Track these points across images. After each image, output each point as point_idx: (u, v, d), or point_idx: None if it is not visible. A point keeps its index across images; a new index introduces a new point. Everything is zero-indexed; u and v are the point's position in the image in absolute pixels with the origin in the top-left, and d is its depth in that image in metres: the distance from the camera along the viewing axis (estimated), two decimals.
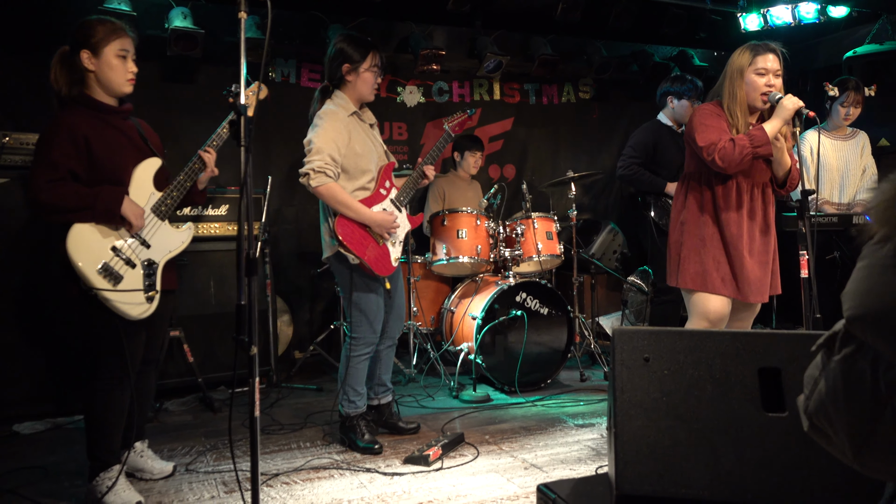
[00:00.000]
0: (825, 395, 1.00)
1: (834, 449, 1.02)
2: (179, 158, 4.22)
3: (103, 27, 2.47)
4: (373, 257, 3.04)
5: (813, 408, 1.03)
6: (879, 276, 0.94)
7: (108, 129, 2.50)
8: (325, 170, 2.91)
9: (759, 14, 5.03)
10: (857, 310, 0.96)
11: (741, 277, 2.85)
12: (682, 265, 2.94)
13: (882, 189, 0.97)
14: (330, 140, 2.94)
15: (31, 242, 3.52)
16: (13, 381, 3.52)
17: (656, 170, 4.42)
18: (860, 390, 0.95)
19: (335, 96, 3.10)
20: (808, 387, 1.06)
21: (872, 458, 0.96)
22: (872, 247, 0.97)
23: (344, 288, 3.09)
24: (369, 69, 3.06)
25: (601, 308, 5.63)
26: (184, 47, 4.33)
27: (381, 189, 3.15)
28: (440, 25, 5.33)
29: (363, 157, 3.06)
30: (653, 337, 1.91)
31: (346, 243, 2.96)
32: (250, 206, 1.89)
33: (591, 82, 6.14)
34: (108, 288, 2.38)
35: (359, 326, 3.08)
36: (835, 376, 0.99)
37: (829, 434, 1.01)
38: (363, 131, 3.12)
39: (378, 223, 3.04)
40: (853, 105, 4.09)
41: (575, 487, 2.06)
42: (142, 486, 2.71)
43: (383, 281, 3.16)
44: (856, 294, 0.97)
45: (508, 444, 3.14)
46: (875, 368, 0.93)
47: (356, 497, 2.57)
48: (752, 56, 2.85)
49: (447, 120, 3.45)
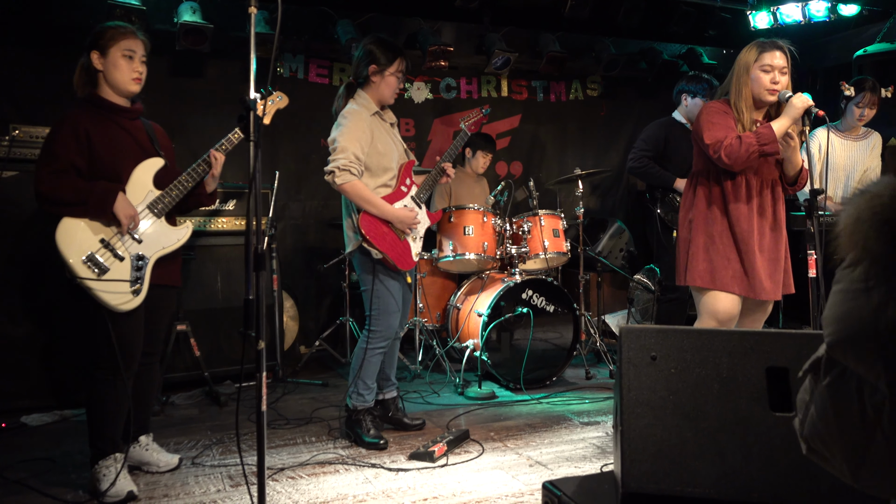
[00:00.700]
0: (817, 420, 1.01)
1: (833, 470, 1.03)
2: (187, 152, 4.26)
3: (112, 30, 2.55)
4: (395, 252, 3.09)
5: (808, 432, 1.04)
6: (853, 300, 0.95)
7: (112, 126, 2.55)
8: (349, 168, 2.96)
9: (769, 12, 5.01)
10: (835, 335, 0.97)
11: (752, 274, 2.83)
12: (691, 263, 2.92)
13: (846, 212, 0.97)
14: (354, 139, 3.00)
15: (39, 235, 3.53)
16: (21, 374, 3.54)
17: (666, 165, 4.40)
18: (849, 415, 0.95)
19: (358, 96, 3.16)
20: (801, 411, 1.07)
21: (870, 478, 0.97)
22: (844, 271, 0.98)
23: (366, 282, 3.13)
24: (394, 73, 3.14)
25: (607, 306, 5.62)
26: (193, 42, 4.34)
27: (401, 186, 3.20)
28: (448, 21, 5.33)
29: (385, 156, 3.12)
30: (660, 335, 1.90)
31: (370, 238, 3.02)
32: (258, 202, 1.90)
33: (599, 80, 6.13)
34: (91, 277, 2.41)
35: (378, 319, 3.12)
36: (823, 402, 1.00)
37: (827, 457, 1.02)
38: (385, 130, 3.18)
39: (400, 219, 3.10)
40: (868, 106, 4.05)
41: (580, 485, 2.05)
42: (147, 478, 2.72)
43: (405, 275, 3.23)
44: (833, 320, 0.98)
45: (513, 442, 3.15)
46: (860, 393, 0.94)
47: (361, 492, 2.58)
48: (758, 53, 2.85)
49: (464, 119, 3.49)
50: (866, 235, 0.93)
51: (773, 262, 2.89)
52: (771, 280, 2.87)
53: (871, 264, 0.93)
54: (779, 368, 1.82)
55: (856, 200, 0.97)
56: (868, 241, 0.93)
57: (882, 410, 0.90)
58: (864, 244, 0.94)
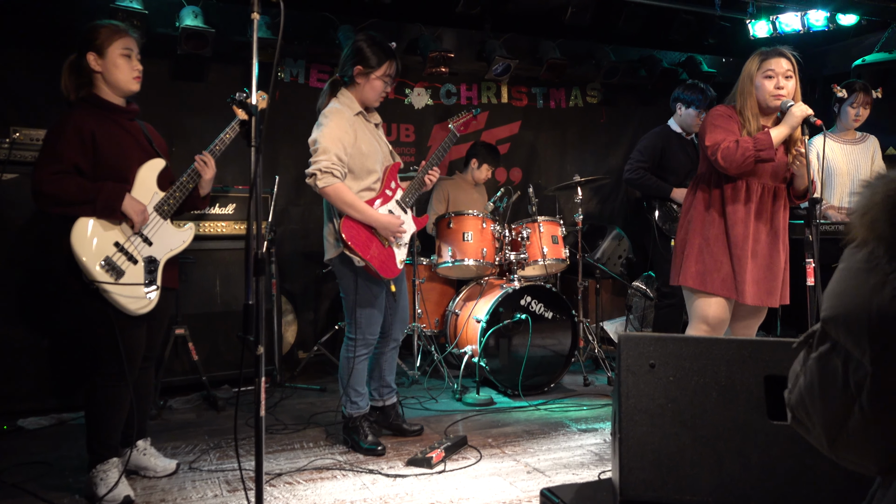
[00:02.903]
0: (804, 389, 1.05)
1: (812, 439, 1.07)
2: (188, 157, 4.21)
3: (106, 29, 2.53)
4: (378, 259, 3.01)
5: (794, 401, 1.08)
6: (852, 279, 0.98)
7: (114, 127, 2.54)
8: (332, 170, 2.88)
9: (769, 21, 5.03)
10: (831, 310, 1.00)
11: (741, 279, 2.85)
12: (685, 263, 2.96)
13: (864, 194, 1.00)
14: (336, 139, 2.91)
15: (37, 238, 3.54)
16: (18, 377, 3.53)
17: (664, 175, 4.41)
18: (833, 387, 0.99)
19: (341, 94, 3.06)
20: (791, 381, 1.11)
21: (845, 450, 1.01)
22: (851, 250, 1.01)
23: (346, 290, 3.06)
24: (381, 77, 3.02)
25: (605, 313, 5.62)
26: (194, 46, 4.35)
27: (386, 190, 3.12)
28: (449, 28, 5.34)
29: (369, 158, 3.03)
30: (658, 343, 1.91)
31: (352, 245, 2.92)
32: (259, 206, 1.90)
33: (598, 87, 6.14)
34: (110, 281, 2.40)
35: (358, 328, 3.06)
36: (812, 372, 1.04)
37: (808, 426, 1.06)
38: (369, 131, 3.09)
39: (385, 226, 3.01)
40: (862, 106, 4.05)
41: (578, 492, 2.05)
42: (145, 483, 2.71)
43: (388, 283, 3.13)
44: (831, 295, 1.02)
45: (511, 448, 3.14)
46: (846, 367, 0.97)
47: (359, 498, 2.57)
48: (760, 61, 2.89)
49: (452, 120, 3.40)
50: (876, 217, 0.96)
51: (766, 268, 2.90)
52: (757, 286, 2.87)
53: (877, 245, 0.96)
54: (777, 377, 1.82)
55: (874, 184, 1.01)
56: (876, 223, 0.96)
57: (863, 386, 0.94)
58: (871, 225, 0.97)
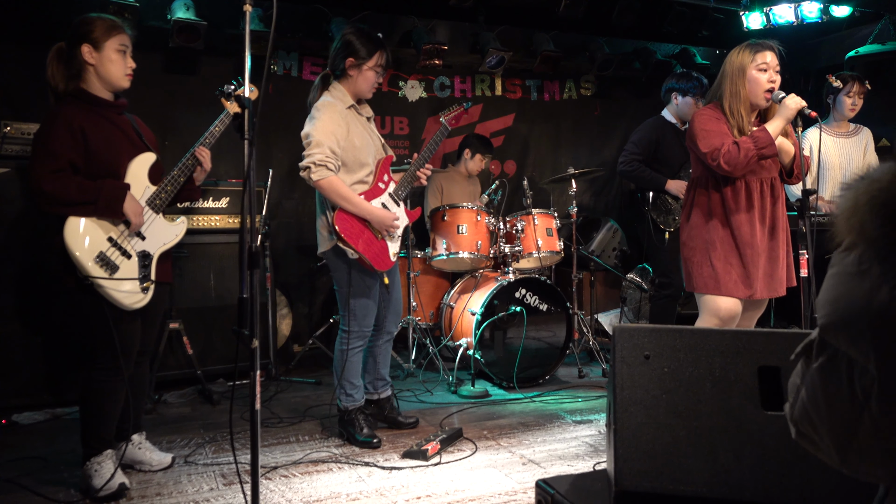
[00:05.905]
0: (807, 402, 1.03)
1: (821, 454, 1.04)
2: (180, 150, 4.19)
3: (104, 23, 2.51)
4: (372, 252, 3.02)
5: (797, 415, 1.05)
6: (846, 284, 0.96)
7: (103, 122, 2.52)
8: (325, 163, 2.89)
9: (762, 13, 5.03)
10: (829, 318, 0.98)
11: (754, 277, 2.85)
12: (696, 270, 2.95)
13: (846, 197, 0.99)
14: (329, 133, 2.91)
15: (29, 232, 3.52)
16: (12, 372, 3.52)
17: (658, 167, 4.41)
18: (839, 396, 0.97)
19: (333, 88, 3.06)
20: (792, 395, 1.08)
21: (857, 460, 0.98)
22: (840, 255, 0.99)
23: (340, 282, 3.07)
24: (373, 68, 3.03)
25: (600, 305, 5.64)
26: (186, 39, 4.31)
27: (379, 183, 3.13)
28: (443, 20, 5.33)
29: (362, 151, 3.03)
30: (653, 335, 1.91)
31: (346, 237, 2.93)
32: (253, 200, 1.90)
33: (592, 79, 6.14)
34: (104, 276, 2.39)
35: (352, 321, 3.07)
36: (814, 384, 1.01)
37: (815, 440, 1.03)
38: (361, 124, 3.09)
39: (378, 219, 3.02)
40: (857, 95, 4.07)
41: (574, 483, 2.06)
42: (140, 477, 2.71)
43: (381, 276, 3.14)
44: (826, 303, 1.00)
45: (506, 440, 3.15)
46: (850, 374, 0.95)
47: (355, 490, 2.58)
48: (752, 53, 2.84)
49: (443, 114, 3.40)
50: (862, 219, 0.95)
51: (774, 260, 2.91)
52: (771, 279, 2.89)
53: (867, 248, 0.94)
54: (770, 368, 1.83)
55: (855, 185, 0.99)
56: (864, 225, 0.95)
57: (871, 392, 0.92)
58: (860, 228, 0.95)
